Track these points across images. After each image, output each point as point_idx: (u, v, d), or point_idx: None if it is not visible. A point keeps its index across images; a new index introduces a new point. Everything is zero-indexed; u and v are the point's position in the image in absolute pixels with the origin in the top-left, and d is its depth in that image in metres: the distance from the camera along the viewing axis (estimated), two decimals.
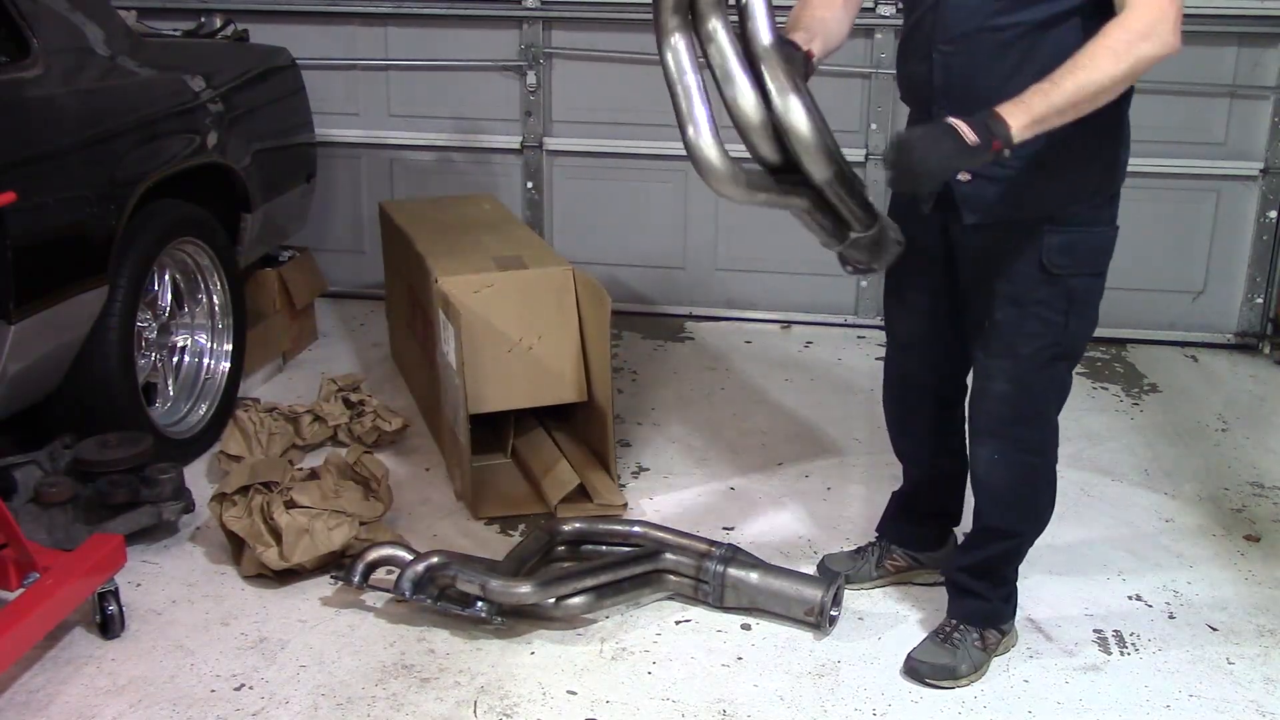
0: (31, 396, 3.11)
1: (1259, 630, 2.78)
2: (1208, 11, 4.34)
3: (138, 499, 2.95)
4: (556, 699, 2.49)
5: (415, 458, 3.61)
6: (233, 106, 3.82)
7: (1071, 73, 2.04)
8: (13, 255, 2.79)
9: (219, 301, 3.71)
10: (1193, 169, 4.51)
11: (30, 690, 2.49)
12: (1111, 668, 2.63)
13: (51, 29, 3.25)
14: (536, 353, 3.34)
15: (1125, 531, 3.22)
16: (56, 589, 2.51)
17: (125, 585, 2.79)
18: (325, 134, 4.71)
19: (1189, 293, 4.69)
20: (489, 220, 4.07)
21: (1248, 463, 3.66)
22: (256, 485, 2.95)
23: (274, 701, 2.47)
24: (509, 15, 4.78)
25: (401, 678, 2.55)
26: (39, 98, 3.11)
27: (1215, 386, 4.32)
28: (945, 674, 2.53)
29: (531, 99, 4.82)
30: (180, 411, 3.60)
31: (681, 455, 3.64)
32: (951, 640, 2.57)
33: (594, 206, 4.89)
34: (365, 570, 2.79)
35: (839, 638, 2.72)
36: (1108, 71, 2.04)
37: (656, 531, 2.93)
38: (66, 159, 3.06)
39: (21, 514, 2.79)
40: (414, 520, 3.22)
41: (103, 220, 3.12)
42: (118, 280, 3.19)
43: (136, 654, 2.62)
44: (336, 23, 4.90)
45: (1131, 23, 2.05)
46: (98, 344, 3.16)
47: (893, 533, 2.92)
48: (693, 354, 4.56)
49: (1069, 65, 2.04)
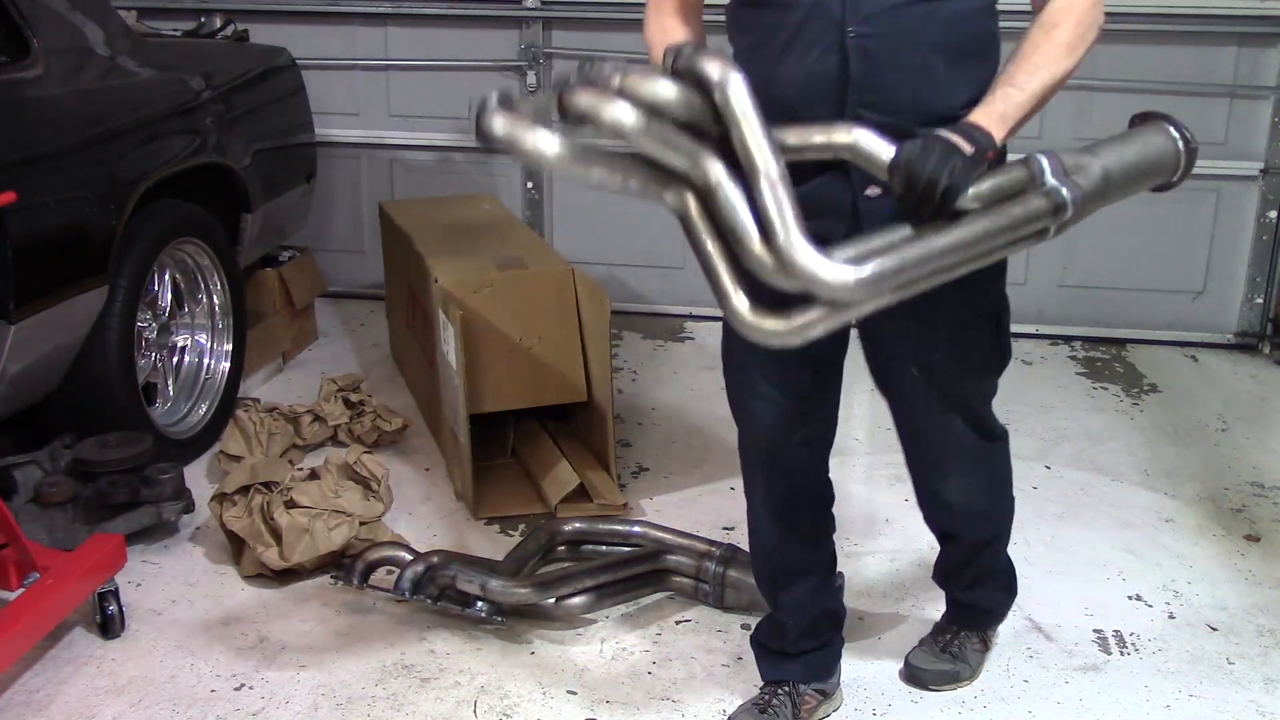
0: (31, 396, 3.11)
1: (1259, 630, 2.78)
2: (1208, 11, 4.34)
3: (138, 499, 2.95)
4: (556, 699, 2.49)
5: (415, 458, 3.61)
6: (233, 106, 3.82)
7: (1032, 72, 1.87)
8: (13, 255, 2.79)
9: (219, 301, 3.71)
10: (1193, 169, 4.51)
11: (30, 690, 2.49)
12: (1111, 668, 2.63)
13: (51, 29, 3.25)
14: (536, 353, 3.34)
15: (1125, 531, 3.22)
16: (56, 589, 2.51)
17: (125, 585, 2.79)
18: (325, 134, 4.71)
19: (1189, 293, 4.68)
20: (489, 220, 4.07)
21: (1248, 463, 3.66)
22: (256, 485, 2.95)
23: (274, 701, 2.47)
24: (509, 15, 4.78)
25: (401, 678, 2.55)
26: (39, 98, 3.11)
27: (1215, 386, 4.32)
28: (949, 679, 2.53)
29: (531, 99, 4.82)
30: (180, 411, 3.60)
31: (681, 455, 3.64)
32: (951, 649, 2.55)
33: (594, 206, 4.89)
34: (365, 570, 2.79)
35: None
36: (1065, 68, 1.91)
37: (656, 531, 2.93)
38: (66, 159, 3.06)
39: (21, 514, 2.79)
40: (414, 520, 3.22)
41: (103, 220, 3.12)
42: (118, 280, 3.19)
43: (136, 654, 2.63)
44: (336, 23, 4.90)
45: (1080, 14, 1.90)
46: (98, 344, 3.16)
47: (796, 671, 2.41)
48: (693, 354, 4.56)
49: (1027, 64, 1.87)
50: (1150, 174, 1.99)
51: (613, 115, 1.64)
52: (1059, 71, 1.90)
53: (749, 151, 1.71)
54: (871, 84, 1.91)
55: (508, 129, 1.66)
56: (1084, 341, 4.67)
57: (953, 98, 1.92)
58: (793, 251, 1.71)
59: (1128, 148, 1.97)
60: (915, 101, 1.92)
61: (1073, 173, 1.88)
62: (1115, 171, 1.93)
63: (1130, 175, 1.95)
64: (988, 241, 1.83)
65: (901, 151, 1.79)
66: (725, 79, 1.70)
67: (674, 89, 1.70)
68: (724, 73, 1.70)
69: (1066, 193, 1.85)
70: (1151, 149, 1.98)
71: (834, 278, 1.72)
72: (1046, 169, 1.87)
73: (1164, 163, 1.99)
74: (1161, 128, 1.99)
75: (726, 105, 1.70)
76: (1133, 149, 1.97)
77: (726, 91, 1.70)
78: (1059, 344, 4.65)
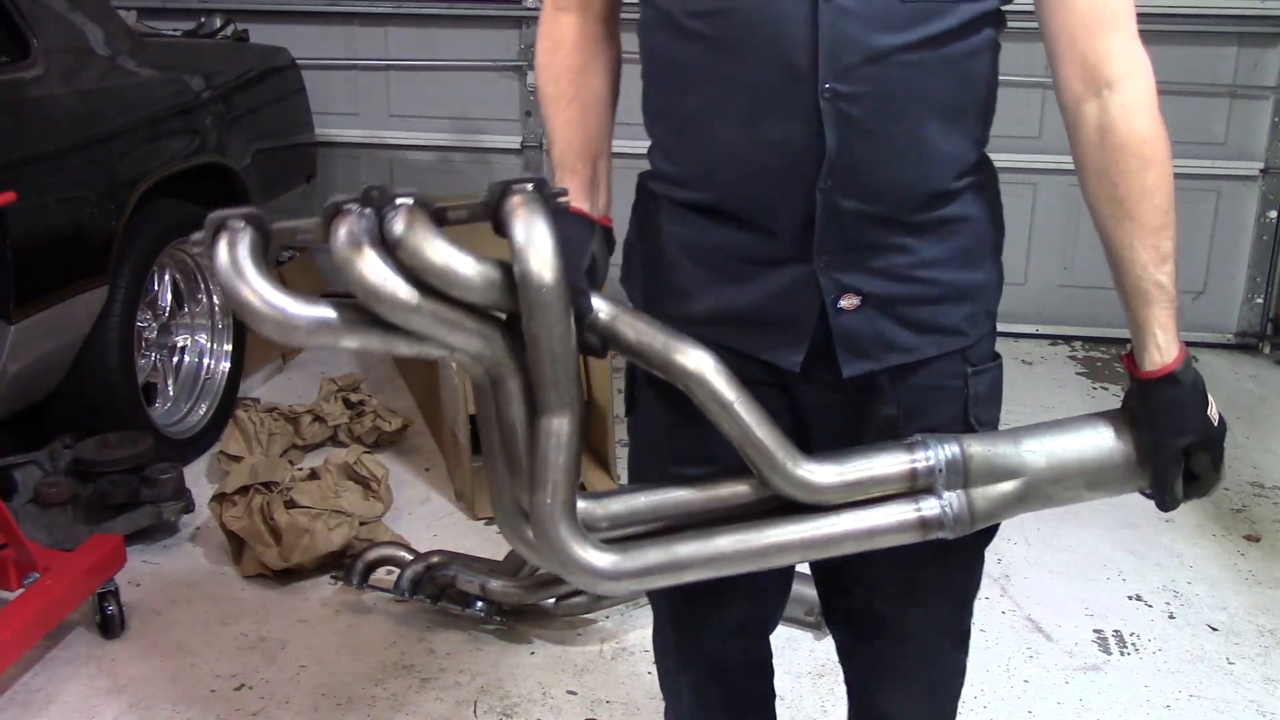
0: (31, 396, 3.11)
1: (1259, 630, 2.78)
2: (1208, 11, 4.35)
3: (138, 499, 2.95)
4: (556, 699, 2.49)
5: (415, 458, 3.61)
6: (233, 106, 3.82)
7: (1155, 197, 1.45)
8: (13, 255, 2.79)
9: (219, 301, 3.71)
10: (1193, 169, 4.51)
11: (30, 690, 2.49)
12: (1111, 668, 2.63)
13: (51, 29, 3.25)
14: None
15: (1125, 531, 3.21)
16: (56, 589, 2.50)
17: (125, 585, 2.79)
18: (325, 134, 4.71)
19: (1189, 293, 4.68)
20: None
21: (1248, 463, 3.66)
22: (256, 485, 2.95)
23: (274, 701, 2.47)
24: (509, 15, 4.78)
25: (401, 678, 2.55)
26: (39, 98, 3.11)
27: (1215, 386, 4.27)
28: None
29: (531, 99, 4.81)
30: (180, 411, 3.60)
31: None
32: None
33: None
34: (365, 570, 2.79)
35: None
36: (1169, 169, 1.46)
37: None
38: (66, 159, 3.06)
39: (21, 514, 2.79)
40: (414, 520, 3.22)
41: (103, 220, 3.12)
42: (118, 280, 3.19)
43: (136, 654, 2.62)
44: (336, 23, 4.90)
45: (1147, 96, 1.38)
46: (98, 344, 3.16)
47: None
48: None
49: (1140, 189, 1.41)
50: (1105, 481, 1.42)
51: (382, 290, 1.17)
52: (1170, 179, 1.46)
53: (542, 384, 1.23)
54: (852, 163, 1.36)
55: (254, 290, 1.19)
56: (1084, 341, 4.67)
57: (949, 171, 1.42)
58: (547, 528, 1.27)
59: (1071, 440, 1.41)
60: (908, 183, 1.39)
61: (976, 475, 1.37)
62: (1043, 477, 1.40)
63: (1070, 481, 1.41)
64: (821, 549, 1.37)
65: (1163, 455, 1.37)
66: (540, 275, 1.18)
67: (470, 267, 1.18)
68: (540, 264, 1.17)
69: (946, 511, 1.36)
70: (1105, 445, 1.41)
71: (591, 566, 1.29)
72: (936, 467, 1.36)
73: (1127, 466, 1.40)
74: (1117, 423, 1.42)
75: (530, 306, 1.19)
76: (1079, 443, 1.41)
77: (532, 288, 1.18)
78: (1059, 344, 4.66)
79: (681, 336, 1.31)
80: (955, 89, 1.40)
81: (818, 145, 1.35)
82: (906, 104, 1.36)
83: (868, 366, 1.44)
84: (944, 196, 1.42)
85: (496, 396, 1.27)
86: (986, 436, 1.41)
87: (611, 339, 1.32)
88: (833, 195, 1.37)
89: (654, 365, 1.32)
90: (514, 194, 1.20)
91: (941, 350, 1.47)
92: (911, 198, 1.40)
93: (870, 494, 1.35)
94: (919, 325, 1.45)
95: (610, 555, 1.30)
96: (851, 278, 1.41)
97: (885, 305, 1.42)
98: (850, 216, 1.38)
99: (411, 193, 1.20)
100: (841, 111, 1.33)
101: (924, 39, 1.33)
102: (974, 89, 1.42)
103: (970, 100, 1.42)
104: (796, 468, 1.32)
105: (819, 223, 1.38)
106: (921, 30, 1.33)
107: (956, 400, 1.48)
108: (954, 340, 1.47)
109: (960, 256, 1.45)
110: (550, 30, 1.51)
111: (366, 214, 1.18)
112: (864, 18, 1.31)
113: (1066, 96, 1.37)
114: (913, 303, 1.43)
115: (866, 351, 1.44)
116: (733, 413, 1.30)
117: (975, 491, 1.37)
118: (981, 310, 1.50)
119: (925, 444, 1.36)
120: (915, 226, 1.41)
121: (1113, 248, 1.41)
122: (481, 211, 1.22)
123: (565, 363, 1.23)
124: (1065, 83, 1.36)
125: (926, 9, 1.32)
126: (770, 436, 1.31)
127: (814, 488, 1.33)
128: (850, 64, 1.32)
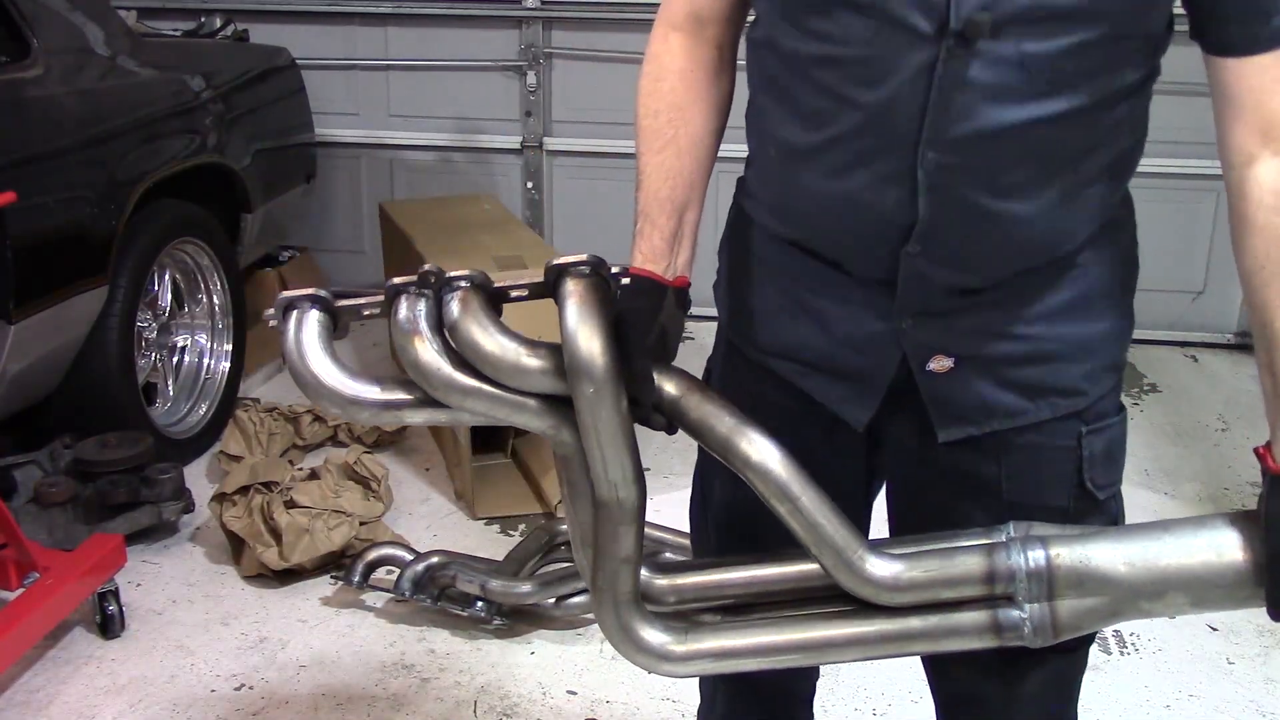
0: (31, 396, 3.11)
1: (1259, 630, 2.78)
2: None
3: (138, 499, 2.95)
4: (556, 699, 2.49)
5: (415, 458, 3.61)
6: (233, 106, 3.82)
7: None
8: (13, 255, 2.79)
9: (219, 301, 3.71)
10: (1193, 169, 4.50)
11: (30, 690, 2.49)
12: (1111, 668, 2.63)
13: (51, 29, 3.25)
14: None
15: None
16: (56, 589, 2.51)
17: (125, 585, 2.79)
18: (325, 134, 4.71)
19: (1189, 293, 4.68)
20: (489, 220, 4.07)
21: (1248, 463, 3.66)
22: (256, 485, 2.95)
23: (274, 701, 2.47)
24: (509, 15, 4.78)
25: (401, 678, 2.55)
26: (39, 98, 3.12)
27: (1215, 386, 4.32)
28: None
29: (531, 99, 4.82)
30: (180, 411, 3.60)
31: (681, 455, 3.63)
32: None
33: (594, 206, 4.89)
34: (365, 570, 2.79)
35: None
36: None
37: (656, 531, 2.93)
38: (66, 159, 3.06)
39: (21, 514, 2.79)
40: (414, 520, 3.22)
41: (103, 220, 3.12)
42: (118, 280, 3.19)
43: (136, 654, 2.63)
44: (336, 23, 4.90)
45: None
46: (98, 344, 3.16)
47: None
48: (693, 354, 4.51)
49: (1262, 278, 1.21)
50: (1212, 599, 1.24)
51: (436, 378, 1.19)
52: None
53: (594, 473, 1.23)
54: (946, 236, 1.24)
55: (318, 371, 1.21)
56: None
57: (1067, 243, 1.27)
58: (603, 614, 1.28)
59: (1179, 548, 1.23)
60: (1009, 259, 1.26)
61: (1063, 587, 1.23)
62: (1142, 593, 1.24)
63: (1172, 597, 1.24)
64: (886, 650, 1.29)
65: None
66: (588, 367, 1.15)
67: (521, 357, 1.19)
68: (589, 354, 1.15)
69: (1025, 624, 1.24)
70: (1219, 558, 1.22)
71: (649, 650, 1.29)
72: (1018, 576, 1.23)
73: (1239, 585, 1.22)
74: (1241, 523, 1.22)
75: (577, 398, 1.18)
76: (1189, 553, 1.23)
77: (579, 380, 1.16)
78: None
79: (749, 423, 1.25)
80: (1089, 155, 1.23)
81: (909, 212, 1.23)
82: (1022, 179, 1.21)
83: (967, 431, 1.32)
84: (1056, 259, 1.28)
85: (567, 471, 1.27)
86: (1080, 539, 1.25)
87: (677, 418, 1.28)
88: (919, 260, 1.25)
89: (714, 449, 1.26)
90: (569, 278, 1.18)
91: (1056, 414, 1.31)
92: (1016, 272, 1.27)
93: (941, 597, 1.26)
94: (1027, 388, 1.30)
95: (669, 639, 1.28)
96: (941, 338, 1.29)
97: (984, 367, 1.29)
98: (938, 283, 1.27)
99: (470, 275, 1.21)
100: (940, 182, 1.21)
101: (1054, 115, 1.18)
102: (1116, 144, 1.26)
103: (1109, 162, 1.26)
104: (865, 566, 1.25)
105: (901, 284, 1.27)
106: (1051, 106, 1.17)
107: (1069, 462, 1.33)
108: (1071, 402, 1.31)
109: (1078, 306, 1.29)
110: (658, 53, 1.38)
111: (425, 296, 1.20)
112: (984, 89, 1.16)
113: (1237, 156, 1.22)
114: (1017, 363, 1.29)
115: (966, 417, 1.31)
116: (799, 507, 1.24)
117: (1061, 605, 1.24)
118: (1103, 365, 1.33)
119: (1008, 548, 1.24)
120: (1017, 285, 1.27)
121: (1267, 320, 1.21)
122: (541, 291, 1.22)
123: (616, 451, 1.20)
124: (1237, 141, 1.22)
125: (1063, 80, 1.16)
126: (839, 532, 1.24)
127: (882, 587, 1.25)
128: (958, 136, 1.18)
